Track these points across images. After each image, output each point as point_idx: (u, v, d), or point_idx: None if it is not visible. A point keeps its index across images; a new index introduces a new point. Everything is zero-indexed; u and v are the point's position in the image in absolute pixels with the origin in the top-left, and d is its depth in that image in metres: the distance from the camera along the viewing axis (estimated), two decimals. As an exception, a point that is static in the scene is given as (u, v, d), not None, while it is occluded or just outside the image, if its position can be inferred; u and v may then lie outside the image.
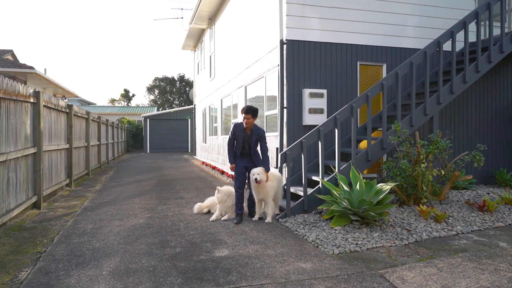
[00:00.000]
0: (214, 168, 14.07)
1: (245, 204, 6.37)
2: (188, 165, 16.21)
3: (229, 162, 6.31)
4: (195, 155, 21.01)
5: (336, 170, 6.36)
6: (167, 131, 27.76)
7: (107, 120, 17.10)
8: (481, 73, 7.39)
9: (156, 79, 58.53)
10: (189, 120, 27.46)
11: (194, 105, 21.06)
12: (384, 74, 8.10)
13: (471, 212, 6.21)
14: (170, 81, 58.21)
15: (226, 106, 13.09)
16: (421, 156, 6.09)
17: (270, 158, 6.55)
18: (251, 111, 6.03)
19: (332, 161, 7.28)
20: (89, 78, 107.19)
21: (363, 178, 6.02)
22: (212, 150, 15.68)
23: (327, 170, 7.33)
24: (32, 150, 6.60)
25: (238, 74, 11.20)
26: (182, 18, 19.97)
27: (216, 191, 6.44)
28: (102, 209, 7.10)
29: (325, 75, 7.72)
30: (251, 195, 6.32)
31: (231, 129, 6.24)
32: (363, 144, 8.09)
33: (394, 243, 4.98)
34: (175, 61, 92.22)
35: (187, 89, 57.25)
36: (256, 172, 5.90)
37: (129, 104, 59.15)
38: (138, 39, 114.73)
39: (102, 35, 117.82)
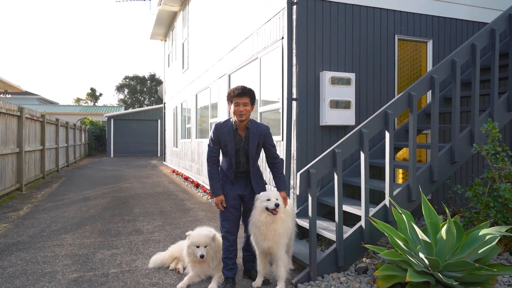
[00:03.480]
0: (186, 178, 11.41)
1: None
2: (156, 174, 13.44)
3: (212, 192, 3.60)
4: (164, 161, 18.22)
5: (387, 197, 3.92)
6: (134, 133, 24.69)
7: (57, 120, 14.10)
8: None
9: (126, 77, 55.20)
10: (159, 120, 24.54)
11: (164, 103, 18.28)
12: (430, 54, 5.74)
13: None
14: (140, 80, 55.09)
15: (203, 103, 10.47)
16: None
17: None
18: (249, 94, 3.50)
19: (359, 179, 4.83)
20: (53, 76, 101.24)
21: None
22: (184, 156, 13.00)
23: (351, 191, 4.93)
24: None
25: (219, 60, 8.63)
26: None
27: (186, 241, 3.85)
28: (3, 260, 4.36)
29: (351, 52, 5.28)
30: (248, 244, 3.77)
31: (212, 133, 3.63)
32: (402, 154, 5.70)
33: None
34: (146, 57, 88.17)
35: (158, 88, 54.20)
36: (274, 196, 3.39)
37: (96, 104, 55.31)
38: (105, 34, 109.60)
39: (65, 29, 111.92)
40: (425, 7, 5.62)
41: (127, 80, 54.81)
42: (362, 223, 3.85)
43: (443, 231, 3.21)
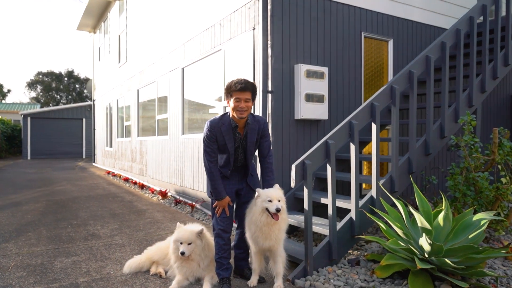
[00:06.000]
0: (126, 180, 10.65)
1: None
2: (88, 176, 12.37)
3: (215, 195, 3.25)
4: (94, 162, 16.91)
5: (374, 188, 3.95)
6: (54, 133, 22.50)
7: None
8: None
9: (39, 73, 50.66)
10: (84, 119, 22.75)
11: (94, 100, 16.98)
12: (391, 52, 5.98)
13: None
14: (56, 76, 50.89)
15: (147, 98, 9.87)
16: (499, 167, 4.01)
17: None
18: (252, 88, 3.22)
19: (338, 173, 4.86)
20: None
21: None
22: (122, 156, 12.16)
23: (324, 185, 4.98)
24: None
25: (170, 52, 8.17)
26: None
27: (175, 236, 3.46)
28: None
29: (323, 47, 5.29)
30: (241, 240, 3.53)
31: (207, 131, 3.22)
32: (367, 148, 5.86)
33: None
34: (64, 52, 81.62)
35: (77, 86, 50.70)
36: (276, 197, 3.16)
37: (4, 101, 49.86)
38: (17, 23, 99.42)
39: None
40: (387, 7, 5.85)
41: (41, 76, 50.35)
42: (352, 215, 3.83)
43: (440, 218, 3.30)
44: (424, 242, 3.13)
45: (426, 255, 3.23)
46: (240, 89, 3.12)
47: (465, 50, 6.00)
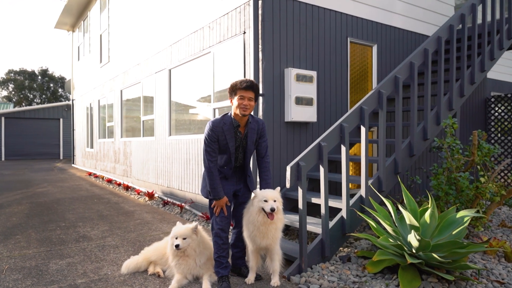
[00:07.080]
0: (110, 181, 10.57)
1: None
2: (69, 178, 12.18)
3: (214, 195, 3.35)
4: (74, 163, 16.62)
5: (363, 188, 4.14)
6: (30, 134, 21.95)
7: None
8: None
9: (10, 71, 49.11)
10: (61, 119, 22.28)
11: (73, 100, 16.68)
12: (375, 57, 6.22)
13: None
14: (29, 75, 49.44)
15: (131, 99, 9.83)
16: (479, 167, 4.27)
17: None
18: (256, 89, 3.35)
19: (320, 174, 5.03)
20: None
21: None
22: (104, 157, 12.04)
23: (313, 186, 5.10)
24: None
25: (156, 53, 8.18)
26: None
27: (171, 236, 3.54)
28: None
29: (311, 51, 5.46)
30: (238, 240, 3.65)
31: (209, 131, 3.31)
32: (353, 150, 6.06)
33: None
34: (38, 50, 79.35)
35: (51, 85, 49.42)
36: (271, 197, 3.29)
37: (-27, 100, 48.10)
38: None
39: None
40: (371, 14, 6.08)
41: (12, 74, 48.83)
42: (343, 213, 4.01)
43: (427, 215, 3.51)
44: (413, 238, 3.32)
45: (414, 251, 3.44)
46: (245, 87, 3.25)
47: (446, 55, 6.31)
